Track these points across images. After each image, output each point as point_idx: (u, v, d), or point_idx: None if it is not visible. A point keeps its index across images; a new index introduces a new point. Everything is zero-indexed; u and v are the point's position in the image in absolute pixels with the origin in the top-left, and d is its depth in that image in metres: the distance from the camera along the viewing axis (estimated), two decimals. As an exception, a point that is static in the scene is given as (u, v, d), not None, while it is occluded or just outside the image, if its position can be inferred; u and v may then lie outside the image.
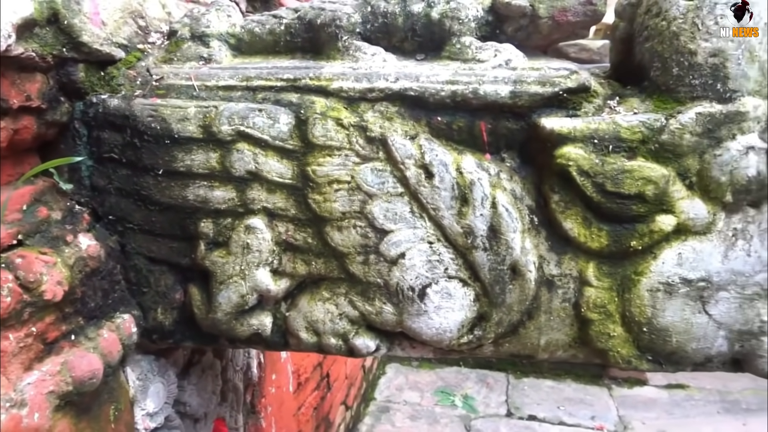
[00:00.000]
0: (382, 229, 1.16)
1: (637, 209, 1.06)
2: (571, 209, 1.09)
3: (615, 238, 1.08)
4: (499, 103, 1.10)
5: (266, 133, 1.16)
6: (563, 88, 1.09)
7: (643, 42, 1.11)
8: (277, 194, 1.19)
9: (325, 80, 1.17)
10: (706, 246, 1.07)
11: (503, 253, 1.12)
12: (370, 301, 1.20)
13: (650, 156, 1.05)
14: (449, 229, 1.13)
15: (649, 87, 1.10)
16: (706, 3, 1.03)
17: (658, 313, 1.10)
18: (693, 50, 1.04)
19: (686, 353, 1.12)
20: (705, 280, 1.07)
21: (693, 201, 1.06)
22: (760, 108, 1.02)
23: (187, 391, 1.49)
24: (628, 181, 1.05)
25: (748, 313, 1.08)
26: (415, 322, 1.19)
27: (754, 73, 1.02)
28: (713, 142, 1.03)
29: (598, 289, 1.11)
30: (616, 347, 1.14)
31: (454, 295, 1.16)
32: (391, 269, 1.17)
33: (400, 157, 1.13)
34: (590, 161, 1.05)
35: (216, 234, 1.23)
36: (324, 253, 1.21)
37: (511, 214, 1.11)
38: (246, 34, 1.34)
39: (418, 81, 1.14)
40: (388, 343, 1.27)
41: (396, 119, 1.14)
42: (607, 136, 1.06)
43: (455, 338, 1.18)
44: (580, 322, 1.14)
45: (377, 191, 1.15)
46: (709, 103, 1.04)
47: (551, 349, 1.18)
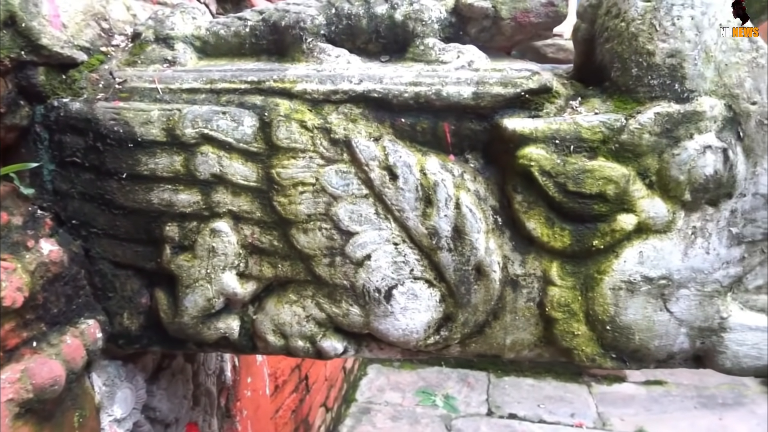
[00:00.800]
0: (347, 231, 1.16)
1: (599, 209, 1.07)
2: (534, 209, 1.10)
3: (577, 238, 1.09)
4: (462, 104, 1.11)
5: (230, 135, 1.16)
6: (525, 89, 1.10)
7: (604, 43, 1.11)
8: (242, 197, 1.19)
9: (289, 82, 1.17)
10: (667, 244, 1.08)
11: (468, 254, 1.12)
12: (336, 303, 1.20)
13: (611, 156, 1.06)
14: (414, 231, 1.14)
15: (610, 87, 1.11)
16: (663, 4, 1.04)
17: (620, 311, 1.11)
18: (651, 51, 1.05)
19: (649, 350, 1.14)
20: (666, 278, 1.08)
21: (653, 200, 1.07)
22: (716, 107, 1.03)
23: (156, 396, 1.48)
24: (589, 181, 1.06)
25: (708, 310, 1.10)
26: (381, 324, 1.19)
27: (710, 73, 1.04)
28: (672, 142, 1.04)
29: (562, 288, 1.12)
30: (581, 346, 1.14)
31: (419, 296, 1.16)
32: (357, 271, 1.17)
33: (364, 158, 1.13)
34: (552, 161, 1.06)
35: (181, 238, 1.22)
36: (290, 256, 1.20)
37: (474, 214, 1.11)
38: (211, 37, 1.34)
39: (382, 83, 1.14)
40: (356, 345, 1.27)
41: (360, 121, 1.14)
42: (569, 136, 1.07)
43: (422, 339, 1.19)
44: (544, 321, 1.15)
45: (342, 193, 1.15)
46: (668, 103, 1.05)
47: (517, 348, 1.19)
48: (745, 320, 1.10)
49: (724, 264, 1.08)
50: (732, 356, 1.12)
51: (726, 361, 1.13)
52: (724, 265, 1.08)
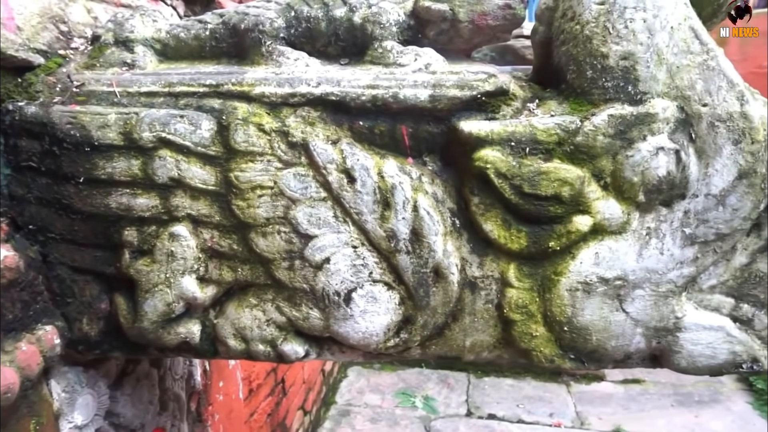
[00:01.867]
0: (306, 234, 1.15)
1: (554, 210, 1.08)
2: (490, 211, 1.10)
3: (534, 239, 1.10)
4: (419, 107, 1.11)
5: (188, 139, 1.15)
6: (481, 92, 1.10)
7: (560, 45, 1.12)
8: (201, 201, 1.18)
9: (248, 86, 1.17)
10: (622, 245, 1.09)
11: (426, 256, 1.13)
12: (296, 306, 1.20)
13: (566, 158, 1.07)
14: (372, 233, 1.14)
15: (567, 90, 1.12)
16: (616, 7, 1.05)
17: (577, 312, 1.11)
18: (605, 53, 1.06)
19: (606, 351, 1.15)
20: (621, 278, 1.09)
21: (608, 201, 1.07)
22: (668, 109, 1.04)
23: (120, 401, 1.46)
24: (544, 183, 1.06)
25: (663, 310, 1.11)
26: (341, 327, 1.19)
27: (662, 75, 1.05)
28: (625, 143, 1.05)
29: (519, 289, 1.13)
30: (539, 347, 1.15)
31: (379, 298, 1.16)
32: (316, 274, 1.17)
33: (322, 162, 1.13)
34: (507, 163, 1.07)
35: (140, 242, 1.21)
36: (250, 260, 1.20)
37: (432, 217, 1.11)
38: (171, 40, 1.33)
39: (340, 86, 1.14)
40: (318, 348, 1.27)
41: (318, 124, 1.14)
42: (524, 138, 1.07)
43: (382, 342, 1.19)
44: (503, 322, 1.16)
45: (300, 196, 1.14)
46: (621, 105, 1.06)
47: (477, 350, 1.19)
48: (700, 320, 1.11)
49: (678, 264, 1.09)
50: (687, 355, 1.13)
51: (681, 360, 1.14)
52: (678, 265, 1.09)
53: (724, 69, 1.04)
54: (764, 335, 1.12)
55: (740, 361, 1.13)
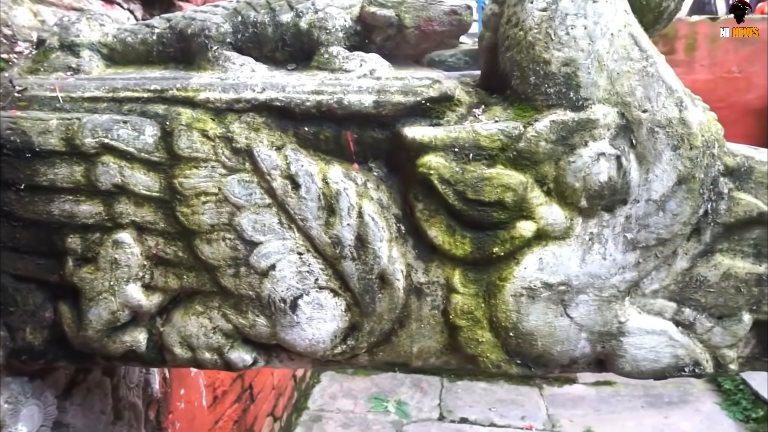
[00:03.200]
0: (251, 241, 1.14)
1: (498, 216, 1.08)
2: (435, 217, 1.10)
3: (478, 245, 1.10)
4: (364, 112, 1.10)
5: (131, 145, 1.14)
6: (425, 97, 1.10)
7: (505, 51, 1.12)
8: (145, 208, 1.16)
9: (192, 91, 1.15)
10: (565, 250, 1.09)
11: (371, 263, 1.12)
12: (243, 314, 1.19)
13: (509, 163, 1.07)
14: (317, 240, 1.13)
15: (511, 95, 1.12)
16: (558, 14, 1.06)
17: (522, 317, 1.11)
18: (547, 60, 1.06)
19: (552, 356, 1.15)
20: (565, 284, 1.10)
21: (551, 207, 1.08)
22: (609, 115, 1.05)
23: (69, 412, 1.44)
24: (487, 189, 1.06)
25: (606, 315, 1.11)
26: (288, 334, 1.18)
27: (603, 81, 1.05)
28: (567, 149, 1.06)
29: (465, 295, 1.12)
30: (486, 352, 1.15)
31: (325, 305, 1.16)
32: (262, 281, 1.16)
33: (266, 168, 1.12)
34: (451, 169, 1.07)
35: (84, 249, 1.19)
36: (195, 267, 1.18)
37: (377, 223, 1.11)
38: (118, 44, 1.31)
39: (284, 91, 1.13)
40: (266, 356, 1.26)
41: (263, 130, 1.13)
42: (467, 144, 1.07)
43: (329, 349, 1.18)
44: (449, 328, 1.15)
45: (245, 203, 1.13)
46: (563, 111, 1.06)
47: (424, 356, 1.19)
48: (643, 324, 1.12)
49: (621, 269, 1.09)
50: (631, 360, 1.14)
51: (626, 364, 1.14)
52: (621, 270, 1.09)
53: (663, 75, 1.05)
54: (706, 339, 1.13)
55: (683, 364, 1.13)
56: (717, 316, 1.12)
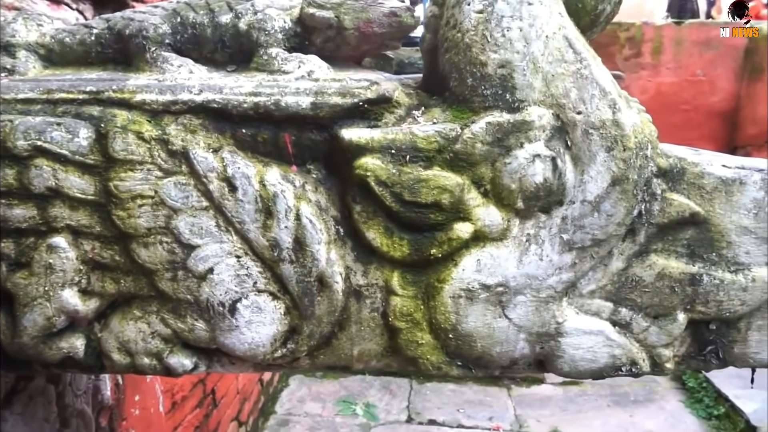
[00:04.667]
0: (188, 244, 1.13)
1: (435, 218, 1.08)
2: (372, 219, 1.10)
3: (416, 247, 1.10)
4: (301, 114, 1.10)
5: (65, 148, 1.12)
6: (363, 99, 1.09)
7: (444, 53, 1.12)
8: (80, 211, 1.14)
9: (129, 93, 1.14)
10: (503, 252, 1.10)
11: (309, 265, 1.11)
12: (181, 318, 1.17)
13: (446, 165, 1.07)
14: (255, 243, 1.12)
15: (450, 97, 1.12)
16: (494, 16, 1.06)
17: (461, 319, 1.12)
18: (484, 61, 1.06)
19: (492, 357, 1.15)
20: (503, 285, 1.10)
21: (488, 208, 1.08)
22: (544, 117, 1.05)
23: (9, 421, 1.40)
24: (424, 191, 1.06)
25: (544, 316, 1.12)
26: (227, 338, 1.16)
27: (538, 83, 1.06)
28: (503, 151, 1.06)
29: (404, 297, 1.12)
30: (426, 354, 1.15)
31: (264, 309, 1.14)
32: (200, 285, 1.14)
33: (203, 170, 1.10)
34: (387, 171, 1.06)
35: (18, 254, 1.16)
36: (133, 271, 1.17)
37: (315, 225, 1.10)
38: (56, 45, 1.29)
39: (222, 93, 1.12)
40: (207, 361, 1.24)
41: (200, 132, 1.12)
42: (404, 146, 1.07)
43: (269, 352, 1.17)
44: (389, 331, 1.15)
45: (181, 206, 1.12)
46: (500, 113, 1.06)
47: (365, 359, 1.19)
48: (580, 324, 1.12)
49: (557, 270, 1.10)
50: (569, 360, 1.14)
51: (564, 365, 1.15)
52: (557, 270, 1.10)
53: (597, 77, 1.06)
54: (642, 338, 1.14)
55: (620, 364, 1.14)
56: (653, 315, 1.14)
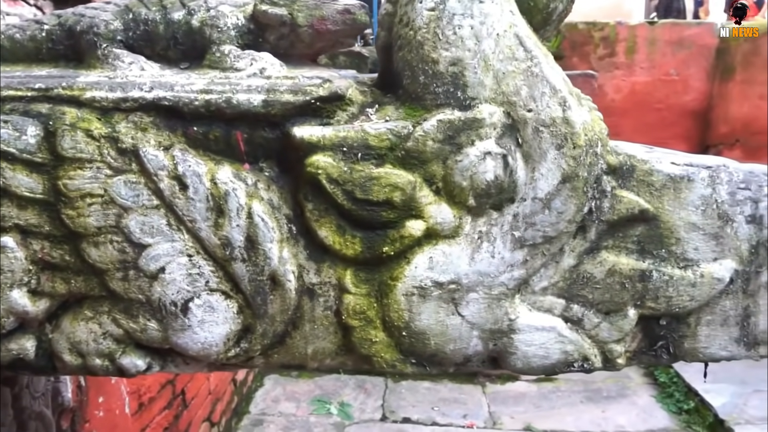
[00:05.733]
0: (139, 243, 1.12)
1: (387, 215, 1.08)
2: (325, 217, 1.10)
3: (368, 245, 1.09)
4: (253, 112, 1.09)
5: (12, 146, 1.10)
6: (315, 97, 1.09)
7: (398, 51, 1.12)
8: (29, 210, 1.12)
9: (78, 90, 1.12)
10: (455, 249, 1.10)
11: (262, 264, 1.11)
12: (133, 318, 1.16)
13: (398, 163, 1.07)
14: (207, 241, 1.11)
15: (403, 95, 1.12)
16: (446, 14, 1.06)
17: (414, 316, 1.12)
18: (435, 59, 1.06)
19: (446, 354, 1.15)
20: (455, 282, 1.10)
21: (440, 206, 1.08)
22: (495, 114, 1.06)
23: (-38, 424, 1.38)
24: (375, 188, 1.06)
25: (496, 313, 1.12)
26: (180, 338, 1.15)
27: (489, 81, 1.06)
28: (454, 148, 1.06)
29: (357, 295, 1.12)
30: (380, 352, 1.15)
31: (216, 308, 1.14)
32: (152, 284, 1.13)
33: (153, 168, 1.09)
34: (339, 169, 1.06)
35: (-35, 254, 1.14)
36: (83, 271, 1.15)
37: (267, 224, 1.10)
38: (6, 41, 1.26)
39: (173, 90, 1.11)
40: (161, 361, 1.23)
41: (150, 130, 1.11)
42: (356, 144, 1.07)
43: (222, 352, 1.16)
44: (343, 329, 1.15)
45: (132, 204, 1.11)
46: (451, 111, 1.06)
47: (319, 357, 1.18)
48: (533, 321, 1.13)
49: (509, 267, 1.10)
50: (522, 356, 1.15)
51: (517, 361, 1.16)
52: (509, 268, 1.10)
53: (547, 75, 1.07)
54: (594, 334, 1.15)
55: (572, 360, 1.15)
56: (604, 311, 1.14)
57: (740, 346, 1.18)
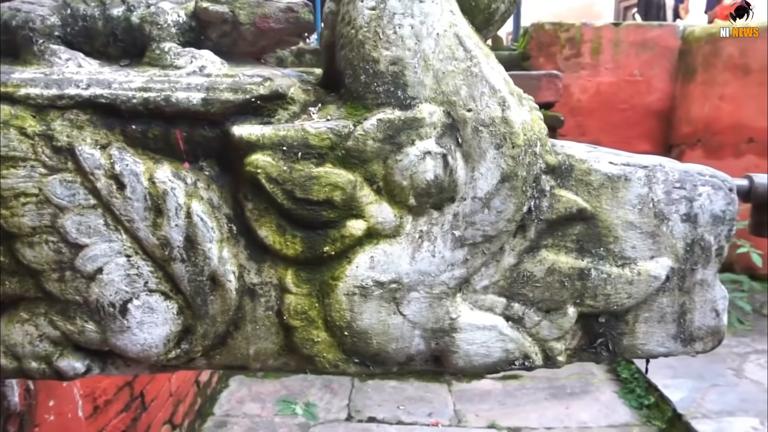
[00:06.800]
0: (75, 243, 1.09)
1: (328, 215, 1.07)
2: (265, 217, 1.09)
3: (309, 245, 1.09)
4: (192, 110, 1.07)
5: (-57, 144, 1.07)
6: (255, 95, 1.08)
7: (340, 50, 1.12)
8: (-39, 210, 1.10)
9: (12, 86, 1.09)
10: (396, 249, 1.10)
11: (201, 264, 1.10)
12: (71, 320, 1.14)
13: (338, 162, 1.07)
14: (146, 241, 1.09)
15: (345, 94, 1.12)
16: (386, 13, 1.06)
17: (356, 316, 1.11)
18: (376, 58, 1.06)
19: (388, 354, 1.15)
20: (396, 281, 1.10)
21: (381, 205, 1.08)
22: (435, 114, 1.06)
23: None
24: (316, 188, 1.06)
25: (438, 312, 1.13)
26: (119, 340, 1.13)
27: (429, 80, 1.06)
28: (395, 148, 1.06)
29: (298, 295, 1.11)
30: (322, 352, 1.14)
31: (156, 309, 1.12)
32: (89, 285, 1.11)
33: (89, 167, 1.07)
34: (279, 168, 1.05)
35: None
36: (18, 272, 1.13)
37: (206, 223, 1.08)
38: (-60, 36, 1.23)
39: (111, 88, 1.09)
40: (101, 363, 1.21)
41: (87, 128, 1.09)
42: (296, 143, 1.06)
43: (162, 353, 1.14)
44: (284, 329, 1.14)
45: (68, 204, 1.08)
46: (391, 110, 1.06)
47: (262, 358, 1.17)
48: (474, 320, 1.14)
49: (450, 266, 1.11)
50: (464, 355, 1.15)
51: (459, 360, 1.16)
52: (450, 267, 1.11)
53: (486, 75, 1.07)
54: (534, 332, 1.16)
55: (513, 358, 1.16)
56: (544, 310, 1.16)
57: (677, 343, 1.21)
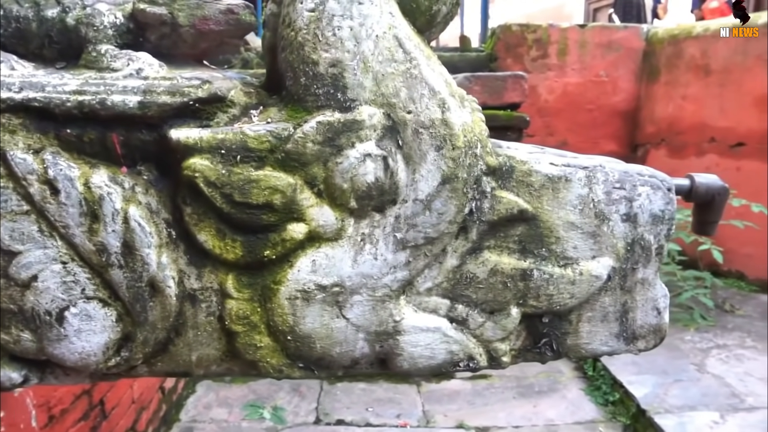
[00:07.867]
0: (9, 250, 1.07)
1: (268, 218, 1.06)
2: (204, 221, 1.07)
3: (249, 249, 1.08)
4: (129, 113, 1.06)
5: None
6: (193, 98, 1.07)
7: (281, 52, 1.11)
8: None
9: (-59, 90, 1.07)
10: (338, 252, 1.09)
11: (140, 270, 1.08)
12: (6, 329, 1.11)
13: (278, 165, 1.06)
14: (82, 248, 1.07)
15: (286, 97, 1.11)
16: (325, 15, 1.05)
17: (299, 320, 1.10)
18: (315, 60, 1.06)
19: (333, 357, 1.15)
20: (339, 285, 1.10)
21: (322, 208, 1.07)
22: (375, 116, 1.06)
23: None
24: (255, 191, 1.04)
25: (381, 315, 1.12)
26: (56, 349, 1.11)
27: (369, 82, 1.06)
28: (335, 150, 1.06)
29: (239, 300, 1.10)
30: (266, 357, 1.13)
31: (94, 316, 1.10)
32: (24, 294, 1.08)
33: (21, 172, 1.05)
34: (217, 172, 1.04)
35: None
36: (-51, 281, 1.10)
37: (144, 229, 1.07)
38: None
39: (44, 91, 1.06)
40: (39, 373, 1.18)
41: (19, 132, 1.06)
42: (235, 146, 1.05)
43: (102, 361, 1.12)
44: (227, 335, 1.13)
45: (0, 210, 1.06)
46: (331, 113, 1.06)
47: (204, 364, 1.16)
48: (418, 322, 1.14)
49: (392, 268, 1.10)
50: (408, 357, 1.15)
51: (403, 362, 1.16)
52: (392, 269, 1.10)
53: (426, 77, 1.07)
54: (479, 333, 1.17)
55: (458, 359, 1.16)
56: (488, 311, 1.16)
57: (620, 341, 1.22)
